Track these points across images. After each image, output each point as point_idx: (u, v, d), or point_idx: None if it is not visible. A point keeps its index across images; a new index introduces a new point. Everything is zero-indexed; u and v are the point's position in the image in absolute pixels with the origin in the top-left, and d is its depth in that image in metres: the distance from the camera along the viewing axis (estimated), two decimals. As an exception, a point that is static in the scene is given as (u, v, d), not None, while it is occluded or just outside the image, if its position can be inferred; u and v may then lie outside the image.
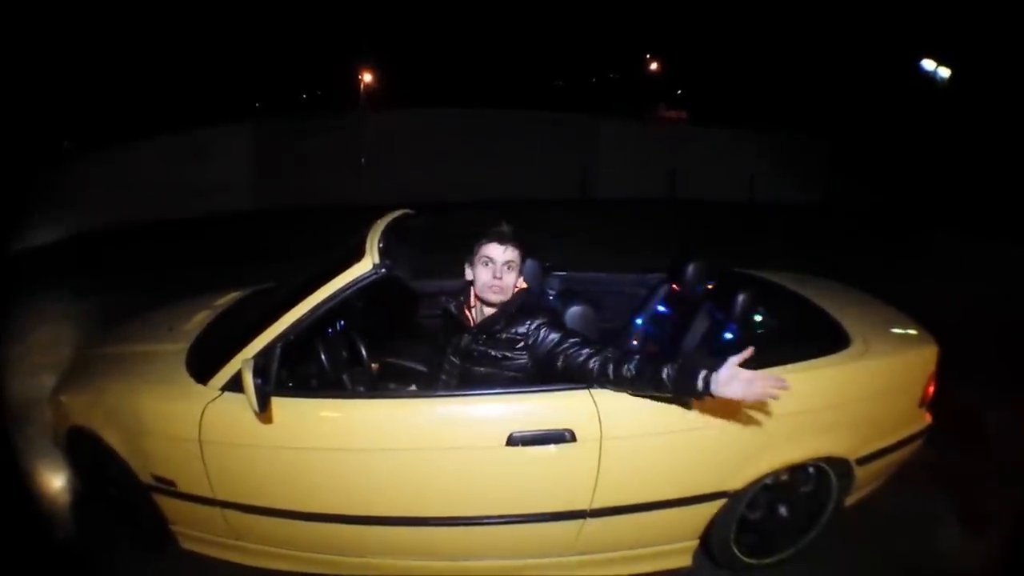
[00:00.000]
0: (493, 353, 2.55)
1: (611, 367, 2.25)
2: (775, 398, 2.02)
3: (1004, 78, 18.43)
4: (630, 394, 2.33)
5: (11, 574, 2.97)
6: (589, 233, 10.03)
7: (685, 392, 2.13)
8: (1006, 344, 5.49)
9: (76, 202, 9.69)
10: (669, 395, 2.21)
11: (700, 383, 2.06)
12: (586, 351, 2.34)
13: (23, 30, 17.99)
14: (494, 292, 2.51)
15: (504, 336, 2.53)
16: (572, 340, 2.41)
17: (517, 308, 2.55)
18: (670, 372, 2.13)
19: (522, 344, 2.51)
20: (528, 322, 2.51)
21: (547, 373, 2.46)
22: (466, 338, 2.63)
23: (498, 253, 2.50)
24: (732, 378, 2.02)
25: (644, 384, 2.22)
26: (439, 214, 3.38)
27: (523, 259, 2.59)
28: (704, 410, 2.45)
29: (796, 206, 12.70)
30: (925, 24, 21.34)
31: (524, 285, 2.62)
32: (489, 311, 2.58)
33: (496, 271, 2.50)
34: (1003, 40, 18.67)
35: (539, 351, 2.47)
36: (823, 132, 15.99)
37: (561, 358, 2.39)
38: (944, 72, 19.64)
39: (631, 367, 2.21)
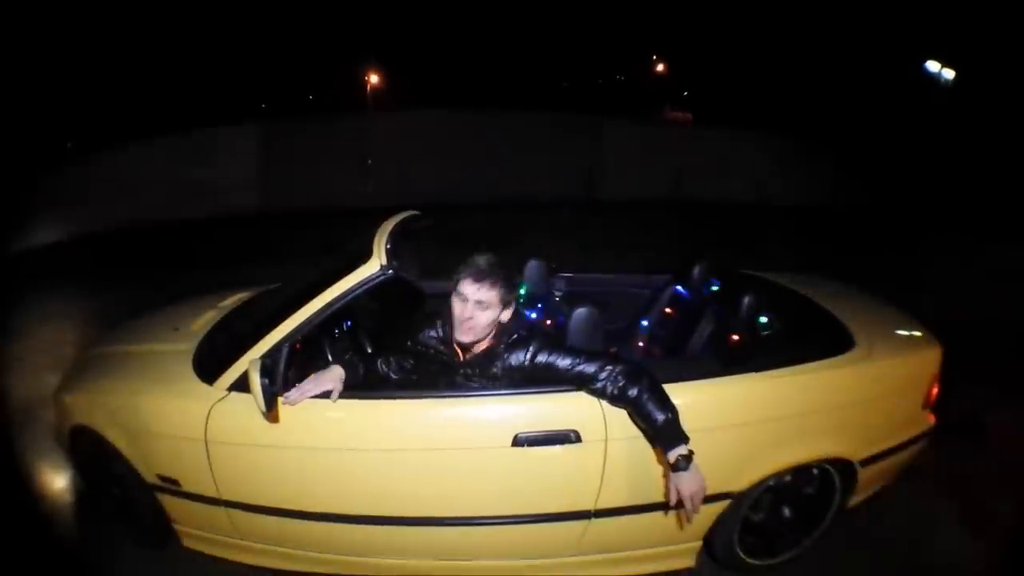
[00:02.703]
0: (487, 384, 2.47)
1: (618, 388, 2.27)
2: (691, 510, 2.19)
3: (1010, 79, 18.37)
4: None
5: (13, 573, 3.00)
6: (594, 234, 10.02)
7: (661, 445, 2.25)
8: (1010, 345, 5.47)
9: (80, 202, 9.76)
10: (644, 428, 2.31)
11: (676, 456, 2.17)
12: (592, 369, 2.30)
13: (26, 30, 18.05)
14: (464, 331, 2.36)
15: (498, 372, 2.44)
16: (576, 360, 2.33)
17: (507, 343, 2.43)
18: (664, 421, 2.21)
19: (520, 376, 2.43)
20: (522, 353, 2.40)
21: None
22: (458, 378, 2.52)
23: (471, 291, 2.30)
24: (690, 481, 2.16)
25: (637, 414, 2.27)
26: (446, 215, 3.38)
27: (508, 294, 2.37)
28: (708, 412, 2.46)
29: (802, 208, 12.66)
30: (930, 25, 21.28)
31: (507, 318, 2.43)
32: (476, 348, 2.47)
33: (467, 310, 2.32)
34: (1008, 41, 18.61)
35: (545, 377, 2.40)
36: (829, 133, 15.95)
37: (574, 379, 2.35)
38: (949, 73, 19.57)
39: (634, 391, 2.24)
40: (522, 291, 3.61)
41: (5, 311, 6.28)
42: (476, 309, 2.31)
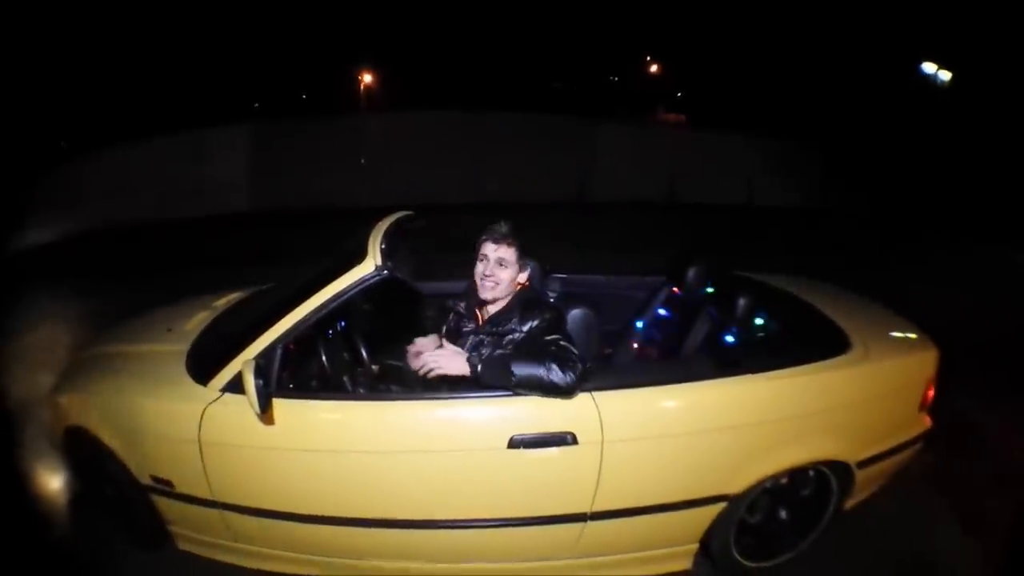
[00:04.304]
0: (499, 351, 2.54)
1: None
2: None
3: (1006, 80, 18.42)
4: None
5: (9, 574, 2.98)
6: (587, 236, 9.99)
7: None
8: (1006, 347, 5.48)
9: (74, 202, 9.66)
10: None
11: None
12: (555, 358, 2.32)
13: (21, 30, 17.98)
14: (487, 288, 2.62)
15: (511, 335, 2.56)
16: (561, 345, 2.40)
17: (522, 305, 2.63)
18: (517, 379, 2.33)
19: (526, 340, 2.53)
20: (534, 321, 2.55)
21: None
22: (472, 338, 2.67)
23: (491, 251, 2.61)
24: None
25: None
26: (439, 216, 3.38)
27: (520, 257, 2.67)
28: (704, 414, 2.46)
29: (796, 210, 12.67)
30: (926, 26, 21.34)
31: (524, 282, 2.72)
32: (494, 309, 2.66)
33: (488, 268, 2.61)
34: (1004, 42, 18.66)
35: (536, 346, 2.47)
36: (823, 136, 15.96)
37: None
38: (944, 75, 19.65)
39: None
40: None
41: (2, 311, 6.24)
42: (496, 267, 2.61)
